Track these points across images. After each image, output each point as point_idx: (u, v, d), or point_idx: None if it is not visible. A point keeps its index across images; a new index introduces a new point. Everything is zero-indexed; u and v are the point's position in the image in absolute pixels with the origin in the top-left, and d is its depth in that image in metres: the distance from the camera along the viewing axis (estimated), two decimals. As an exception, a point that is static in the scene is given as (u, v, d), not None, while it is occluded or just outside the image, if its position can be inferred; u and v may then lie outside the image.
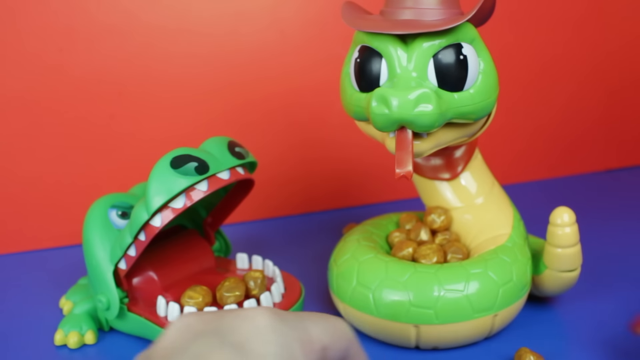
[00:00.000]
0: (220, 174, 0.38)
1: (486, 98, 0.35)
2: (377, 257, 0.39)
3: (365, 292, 0.38)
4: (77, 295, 0.45)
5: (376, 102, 0.32)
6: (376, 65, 0.34)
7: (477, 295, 0.36)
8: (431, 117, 0.32)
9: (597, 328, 0.40)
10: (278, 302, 0.40)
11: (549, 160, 0.69)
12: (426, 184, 0.43)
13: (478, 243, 0.41)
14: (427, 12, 0.34)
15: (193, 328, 0.22)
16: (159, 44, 0.55)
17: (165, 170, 0.37)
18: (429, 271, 0.37)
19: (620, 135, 0.71)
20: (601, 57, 0.67)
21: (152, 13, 0.55)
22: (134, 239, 0.38)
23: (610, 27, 0.67)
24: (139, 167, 0.56)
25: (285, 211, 0.62)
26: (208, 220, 0.48)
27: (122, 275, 0.40)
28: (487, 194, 0.42)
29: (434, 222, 0.42)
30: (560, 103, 0.68)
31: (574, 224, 0.38)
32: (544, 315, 0.42)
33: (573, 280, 0.40)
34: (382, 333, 0.38)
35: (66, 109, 0.55)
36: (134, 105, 0.56)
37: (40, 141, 0.55)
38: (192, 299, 0.38)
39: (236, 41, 0.57)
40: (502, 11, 0.60)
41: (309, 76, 0.59)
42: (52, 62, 0.53)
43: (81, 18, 0.53)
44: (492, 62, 0.35)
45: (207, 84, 0.57)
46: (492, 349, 0.39)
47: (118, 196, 0.42)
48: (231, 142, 0.41)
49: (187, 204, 0.37)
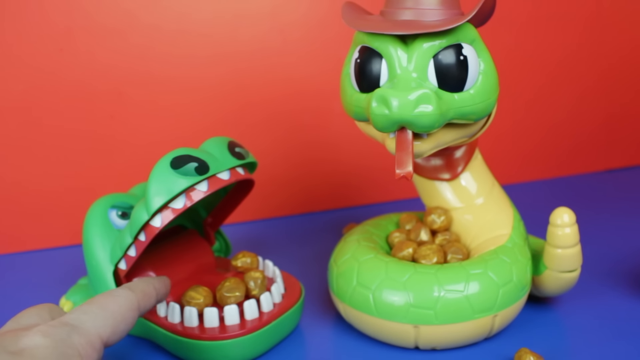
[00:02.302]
0: (221, 174, 0.38)
1: (486, 99, 0.35)
2: (377, 257, 0.39)
3: (365, 292, 0.38)
4: (77, 295, 0.45)
5: (376, 103, 0.32)
6: (376, 66, 0.34)
7: (477, 295, 0.36)
8: (431, 117, 0.32)
9: (597, 328, 0.40)
10: (278, 302, 0.40)
11: (549, 161, 0.69)
12: (426, 184, 0.43)
13: (478, 243, 0.41)
14: (428, 12, 0.34)
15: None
16: (160, 44, 0.55)
17: (165, 170, 0.37)
18: (429, 271, 0.37)
19: (621, 136, 0.71)
20: (602, 59, 0.67)
21: (152, 14, 0.55)
22: (134, 239, 0.38)
23: (609, 28, 0.67)
24: (139, 167, 0.56)
25: (285, 211, 0.62)
26: (208, 221, 0.48)
27: (122, 275, 0.40)
28: (487, 195, 0.42)
29: (434, 222, 0.42)
30: (561, 104, 0.68)
31: (574, 225, 0.38)
32: (544, 315, 0.42)
33: (573, 281, 0.40)
34: (382, 333, 0.38)
35: (66, 109, 0.55)
36: (134, 105, 0.56)
37: (40, 141, 0.55)
38: (193, 299, 0.38)
39: (237, 42, 0.57)
40: (502, 12, 0.60)
41: (309, 77, 0.59)
42: (52, 62, 0.53)
43: (81, 18, 0.53)
44: (492, 62, 0.35)
45: (207, 85, 0.57)
46: (492, 350, 0.39)
47: (118, 196, 0.42)
48: (231, 142, 0.41)
49: (187, 205, 0.37)
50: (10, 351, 0.23)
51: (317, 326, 0.42)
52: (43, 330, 0.25)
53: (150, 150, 0.56)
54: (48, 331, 0.25)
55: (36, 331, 0.25)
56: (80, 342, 0.26)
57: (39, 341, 0.24)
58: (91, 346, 0.26)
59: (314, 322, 0.43)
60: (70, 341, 0.25)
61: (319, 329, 0.42)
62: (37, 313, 0.28)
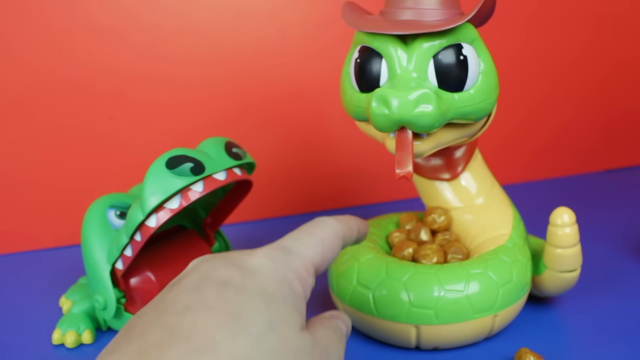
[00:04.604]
0: (217, 175, 0.38)
1: (486, 98, 0.35)
2: (377, 257, 0.39)
3: (365, 292, 0.38)
4: (76, 295, 0.45)
5: (376, 103, 0.32)
6: (376, 66, 0.34)
7: (477, 295, 0.36)
8: (431, 117, 0.32)
9: (597, 328, 0.40)
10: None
11: (549, 161, 0.69)
12: (426, 184, 0.43)
13: (478, 243, 0.41)
14: (427, 12, 0.34)
15: (206, 257, 0.26)
16: (160, 44, 0.55)
17: (161, 170, 0.37)
18: (429, 271, 0.37)
19: (621, 136, 0.71)
20: (602, 60, 0.67)
21: (152, 13, 0.54)
22: (130, 239, 0.38)
23: (610, 28, 0.67)
24: (139, 167, 0.56)
25: (285, 211, 0.62)
26: (208, 221, 0.48)
27: (119, 275, 0.40)
28: (487, 194, 0.42)
29: (434, 222, 0.42)
30: (561, 104, 0.68)
31: (574, 225, 0.38)
32: (544, 315, 0.42)
33: (573, 281, 0.40)
34: (382, 333, 0.38)
35: (66, 109, 0.55)
36: (134, 106, 0.56)
37: (40, 141, 0.55)
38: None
39: (237, 42, 0.57)
40: (503, 15, 0.60)
41: (309, 77, 0.59)
42: (52, 63, 0.53)
43: (81, 18, 0.53)
44: (492, 62, 0.35)
45: (207, 85, 0.57)
46: (492, 349, 0.39)
47: (117, 196, 0.42)
48: (228, 142, 0.41)
49: (183, 205, 0.37)
50: (238, 264, 0.25)
51: (317, 326, 0.42)
52: (267, 252, 0.26)
53: (150, 150, 0.56)
54: (271, 254, 0.26)
55: (261, 253, 0.26)
56: (298, 267, 0.26)
57: (264, 262, 0.25)
58: (306, 271, 0.27)
59: (314, 322, 0.43)
60: (289, 265, 0.26)
61: (318, 329, 0.42)
62: None
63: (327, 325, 0.27)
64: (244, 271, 0.24)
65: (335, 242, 0.29)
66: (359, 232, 0.32)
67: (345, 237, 0.30)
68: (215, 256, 0.26)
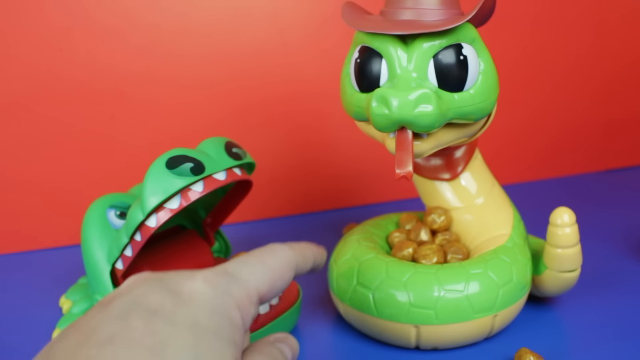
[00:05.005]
0: (217, 175, 0.38)
1: (486, 98, 0.35)
2: (377, 257, 0.39)
3: (365, 292, 0.38)
4: (77, 294, 0.45)
5: (376, 103, 0.32)
6: (376, 66, 0.34)
7: (477, 295, 0.36)
8: (431, 117, 0.32)
9: (597, 328, 0.40)
10: (275, 304, 0.40)
11: (549, 161, 0.69)
12: (426, 184, 0.43)
13: (478, 243, 0.41)
14: (427, 12, 0.34)
15: (142, 277, 0.24)
16: (160, 44, 0.55)
17: (161, 170, 0.37)
18: (429, 271, 0.37)
19: (620, 135, 0.71)
20: (603, 61, 0.67)
21: (152, 13, 0.54)
22: (130, 239, 0.38)
23: (611, 29, 0.67)
24: (139, 167, 0.56)
25: (285, 211, 0.62)
26: (208, 221, 0.48)
27: (120, 275, 0.40)
28: (487, 194, 0.42)
29: (434, 222, 0.42)
30: (561, 105, 0.68)
31: (574, 225, 0.38)
32: (544, 315, 0.42)
33: (573, 281, 0.40)
34: (382, 333, 0.38)
35: (66, 109, 0.54)
36: (134, 106, 0.56)
37: (40, 141, 0.55)
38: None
39: (237, 42, 0.57)
40: (504, 16, 0.60)
41: (309, 77, 0.59)
42: (52, 63, 0.53)
43: (81, 18, 0.53)
44: (492, 62, 0.35)
45: (207, 85, 0.57)
46: (492, 350, 0.39)
47: (117, 196, 0.42)
48: (228, 142, 0.41)
49: (183, 205, 0.37)
50: (172, 290, 0.23)
51: (317, 326, 0.42)
52: (207, 277, 0.24)
53: (150, 150, 0.56)
54: (211, 279, 0.24)
55: (200, 278, 0.24)
56: (239, 294, 0.25)
57: (201, 289, 0.24)
58: (249, 299, 0.25)
59: (314, 322, 0.43)
60: (229, 292, 0.25)
61: (318, 330, 0.42)
62: None
63: (267, 353, 0.26)
64: (177, 299, 0.23)
65: (286, 272, 0.27)
66: (315, 262, 0.30)
67: (298, 267, 0.28)
68: (152, 277, 0.24)
